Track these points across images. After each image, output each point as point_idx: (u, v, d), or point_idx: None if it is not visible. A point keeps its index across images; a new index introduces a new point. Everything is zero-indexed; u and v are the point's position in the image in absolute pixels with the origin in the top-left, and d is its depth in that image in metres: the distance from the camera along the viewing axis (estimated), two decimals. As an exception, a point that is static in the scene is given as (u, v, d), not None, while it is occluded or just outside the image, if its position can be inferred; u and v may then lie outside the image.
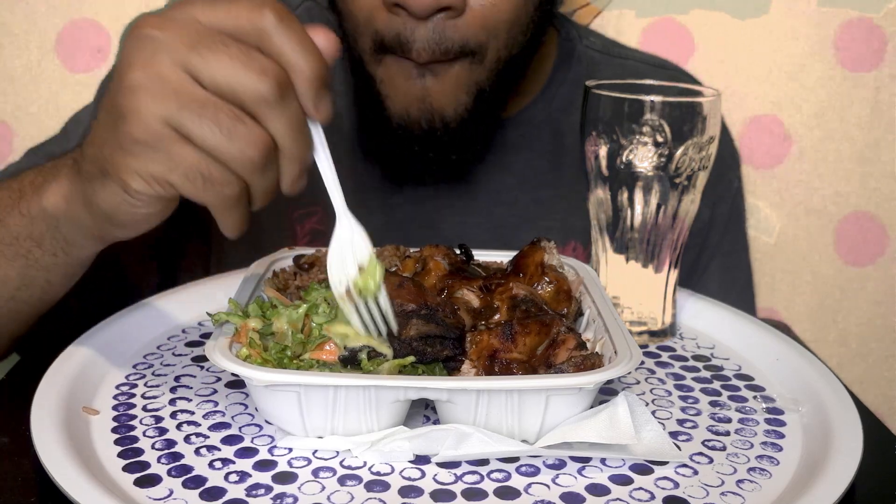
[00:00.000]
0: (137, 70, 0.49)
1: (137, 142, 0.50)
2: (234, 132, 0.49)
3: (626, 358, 0.56)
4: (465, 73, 0.81)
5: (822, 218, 1.23)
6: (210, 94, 0.49)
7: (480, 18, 0.78)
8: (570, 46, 1.00)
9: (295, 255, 0.73)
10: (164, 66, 0.49)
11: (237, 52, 0.49)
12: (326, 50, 0.52)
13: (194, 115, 0.49)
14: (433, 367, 0.58)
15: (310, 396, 0.54)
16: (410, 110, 0.83)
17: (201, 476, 0.53)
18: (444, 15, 0.77)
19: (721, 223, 1.03)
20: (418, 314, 0.57)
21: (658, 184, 0.70)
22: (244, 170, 0.50)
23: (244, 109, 0.49)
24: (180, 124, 0.49)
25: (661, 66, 1.05)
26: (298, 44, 0.50)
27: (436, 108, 0.82)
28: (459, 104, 0.82)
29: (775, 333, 0.73)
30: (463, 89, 0.82)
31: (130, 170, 0.51)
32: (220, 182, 0.50)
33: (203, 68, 0.49)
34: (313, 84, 0.51)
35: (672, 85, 0.74)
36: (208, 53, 0.48)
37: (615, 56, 1.03)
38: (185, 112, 0.49)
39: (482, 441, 0.54)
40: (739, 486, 0.54)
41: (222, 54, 0.48)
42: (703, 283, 1.01)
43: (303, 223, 0.93)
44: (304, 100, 0.51)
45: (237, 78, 0.48)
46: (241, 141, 0.49)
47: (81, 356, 0.64)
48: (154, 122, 0.49)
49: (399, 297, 0.57)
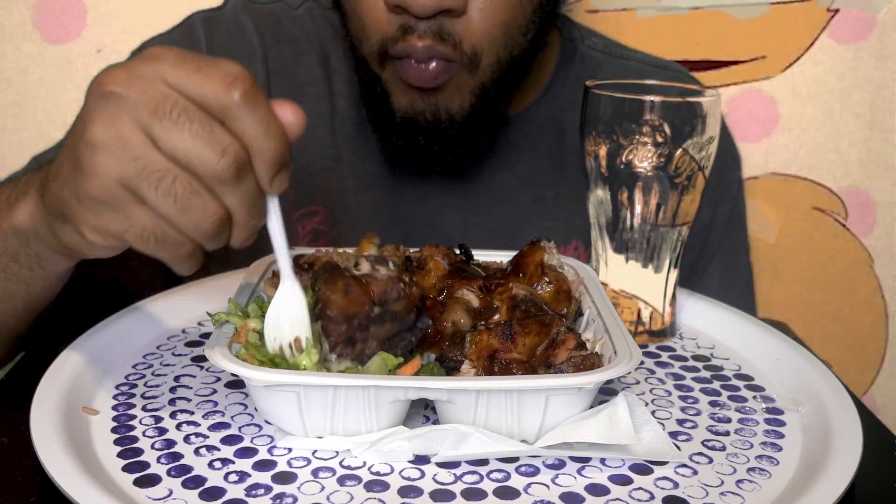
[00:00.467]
0: (99, 127, 0.49)
1: (93, 199, 0.50)
2: (188, 204, 0.49)
3: (626, 358, 0.56)
4: (465, 78, 0.82)
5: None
6: (168, 162, 0.49)
7: (479, 20, 0.79)
8: (572, 47, 1.00)
9: (295, 255, 0.73)
10: (126, 127, 0.48)
11: (199, 126, 0.48)
12: (292, 126, 0.51)
13: (151, 182, 0.48)
14: (432, 367, 0.58)
15: (309, 396, 0.54)
16: (416, 103, 0.84)
17: (201, 476, 0.53)
18: (444, 16, 0.78)
19: (721, 223, 1.03)
20: (371, 318, 0.55)
21: (658, 184, 0.70)
22: (197, 237, 0.51)
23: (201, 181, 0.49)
24: (137, 188, 0.49)
25: (663, 67, 1.05)
26: (262, 125, 0.49)
27: (440, 102, 0.83)
28: (464, 101, 0.84)
29: (775, 333, 0.73)
30: (466, 90, 0.83)
31: (86, 223, 0.51)
32: (174, 243, 0.51)
33: (164, 136, 0.48)
34: (272, 166, 0.50)
35: (672, 85, 0.74)
36: (170, 123, 0.48)
37: (617, 56, 1.03)
38: (142, 178, 0.48)
39: (482, 441, 0.54)
40: (739, 486, 0.54)
41: (184, 126, 0.48)
42: (704, 284, 1.01)
43: (304, 224, 0.93)
44: (260, 178, 0.51)
45: (196, 153, 0.48)
46: (195, 213, 0.49)
47: (81, 356, 0.64)
48: (111, 184, 0.49)
49: (351, 307, 0.55)
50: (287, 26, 0.98)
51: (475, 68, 0.81)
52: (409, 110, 0.84)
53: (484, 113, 0.85)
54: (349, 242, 0.89)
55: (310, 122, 0.94)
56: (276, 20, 0.98)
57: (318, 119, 0.95)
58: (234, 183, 0.49)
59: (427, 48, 0.79)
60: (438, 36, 0.78)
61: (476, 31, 0.79)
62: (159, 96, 0.48)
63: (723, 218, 1.03)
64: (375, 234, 0.71)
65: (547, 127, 0.97)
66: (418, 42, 0.78)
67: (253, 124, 0.49)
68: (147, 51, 0.51)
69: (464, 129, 0.85)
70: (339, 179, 0.95)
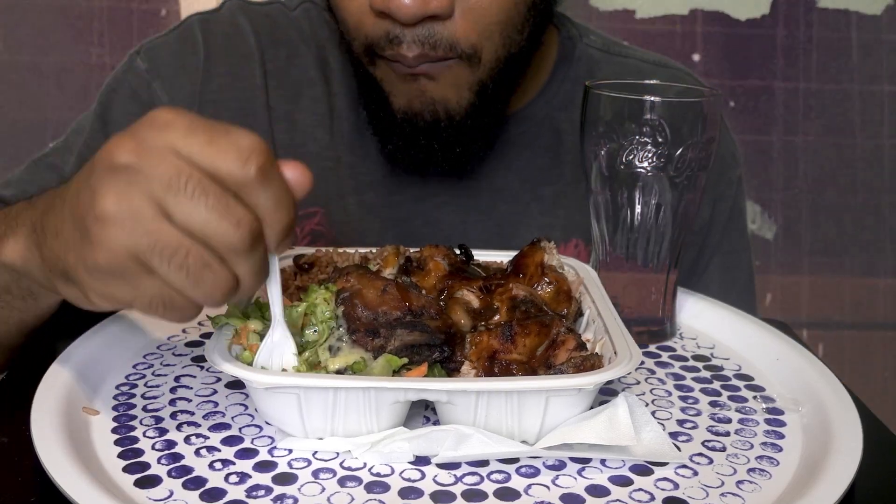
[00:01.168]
0: (110, 200, 0.48)
1: (101, 270, 0.49)
2: (200, 277, 0.49)
3: (626, 358, 0.56)
4: (464, 73, 0.81)
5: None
6: (182, 235, 0.48)
7: (470, 22, 0.78)
8: (570, 45, 1.00)
9: (295, 255, 0.73)
10: (138, 200, 0.48)
11: (215, 200, 0.48)
12: (299, 186, 0.52)
13: (164, 257, 0.48)
14: (433, 369, 0.58)
15: (310, 398, 0.54)
16: (413, 105, 0.83)
17: (201, 477, 0.53)
18: (430, 21, 0.77)
19: (721, 222, 1.03)
20: (402, 322, 0.57)
21: (658, 184, 0.70)
22: (205, 304, 0.52)
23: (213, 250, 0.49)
24: (148, 261, 0.48)
25: (662, 65, 1.05)
26: (276, 199, 0.50)
27: (438, 101, 0.83)
28: (462, 98, 0.83)
29: (775, 333, 0.73)
30: (465, 86, 0.82)
31: (93, 290, 0.51)
32: (181, 308, 0.51)
33: (178, 210, 0.48)
34: (283, 235, 0.51)
35: (672, 85, 0.74)
36: (185, 197, 0.48)
37: (616, 54, 1.03)
38: (154, 252, 0.48)
39: (482, 442, 0.54)
40: (739, 486, 0.54)
41: (200, 200, 0.48)
42: (704, 283, 1.01)
43: (302, 225, 0.93)
44: (269, 244, 0.51)
45: (212, 226, 0.48)
46: (206, 285, 0.49)
47: (81, 356, 0.64)
48: (122, 256, 0.48)
49: (383, 304, 0.57)
50: (284, 28, 0.98)
51: (475, 63, 0.81)
52: (407, 112, 0.83)
53: (483, 111, 0.85)
54: (348, 242, 0.89)
55: (307, 123, 0.95)
56: (273, 21, 0.98)
57: (316, 120, 0.95)
58: (247, 253, 0.49)
59: (417, 57, 0.78)
60: (428, 44, 0.77)
61: (469, 30, 0.78)
62: (173, 170, 0.47)
63: (723, 216, 1.03)
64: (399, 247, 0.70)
65: (546, 124, 0.97)
66: (408, 52, 0.78)
67: (269, 200, 0.49)
68: (154, 115, 0.50)
69: (463, 128, 0.85)
70: (337, 180, 0.95)
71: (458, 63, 0.80)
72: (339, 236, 0.94)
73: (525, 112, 0.97)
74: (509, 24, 0.81)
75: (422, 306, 0.58)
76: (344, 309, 0.58)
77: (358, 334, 0.57)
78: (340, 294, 0.58)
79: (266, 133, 0.94)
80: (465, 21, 0.78)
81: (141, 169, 0.48)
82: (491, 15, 0.79)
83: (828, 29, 1.64)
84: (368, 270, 0.62)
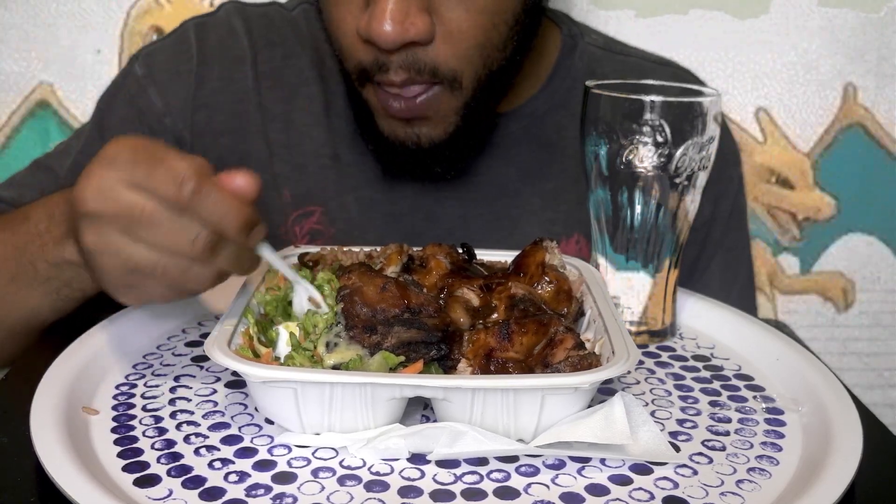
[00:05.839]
0: (89, 239, 0.57)
1: (113, 287, 0.60)
2: (184, 279, 0.58)
3: (624, 358, 0.56)
4: (447, 99, 0.82)
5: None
6: (155, 253, 0.56)
7: (450, 46, 0.79)
8: (571, 43, 1.00)
9: (299, 253, 0.73)
10: (110, 236, 0.56)
11: (168, 224, 0.55)
12: (247, 189, 0.57)
13: (147, 272, 0.57)
14: (430, 366, 0.58)
15: (306, 393, 0.54)
16: (397, 132, 0.85)
17: (201, 476, 0.53)
18: (412, 47, 0.78)
19: (722, 220, 1.03)
20: (400, 320, 0.57)
21: (658, 184, 0.70)
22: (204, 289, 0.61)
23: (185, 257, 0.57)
24: (142, 277, 0.58)
25: (662, 64, 1.05)
26: (218, 209, 0.56)
27: (423, 135, 0.84)
28: (449, 126, 0.84)
29: (775, 333, 0.73)
30: (451, 113, 0.83)
31: (119, 298, 0.62)
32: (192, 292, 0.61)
33: (144, 236, 0.56)
34: (241, 232, 0.57)
35: (672, 85, 0.74)
36: (142, 227, 0.55)
37: (617, 53, 1.03)
38: (139, 270, 0.57)
39: (477, 439, 0.54)
40: (739, 486, 0.54)
41: (156, 228, 0.55)
42: (705, 281, 1.01)
43: (301, 224, 0.94)
44: (237, 243, 0.58)
45: (172, 245, 0.56)
46: (192, 283, 0.58)
47: (81, 356, 0.64)
48: (121, 276, 0.58)
49: (382, 302, 0.58)
50: (280, 28, 0.98)
51: (457, 88, 0.81)
52: (391, 136, 0.85)
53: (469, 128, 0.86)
54: (348, 240, 0.89)
55: (303, 122, 0.95)
56: (269, 22, 0.98)
57: (312, 119, 0.95)
58: (212, 257, 0.57)
59: (405, 81, 0.80)
60: (413, 69, 0.79)
61: (449, 55, 0.79)
62: (126, 206, 0.55)
63: (723, 215, 1.03)
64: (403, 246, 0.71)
65: (547, 120, 0.97)
66: (395, 77, 0.79)
67: (210, 212, 0.55)
68: (103, 152, 0.57)
69: (449, 145, 0.85)
70: (335, 178, 0.95)
71: (441, 90, 0.81)
72: (338, 234, 0.94)
73: (526, 108, 0.97)
74: (489, 45, 0.81)
75: (420, 304, 0.58)
76: (343, 305, 0.58)
77: (355, 331, 0.57)
78: (341, 291, 0.59)
79: (260, 133, 0.94)
80: (446, 45, 0.79)
81: (103, 213, 0.56)
82: (470, 38, 0.79)
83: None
84: (370, 268, 0.62)
